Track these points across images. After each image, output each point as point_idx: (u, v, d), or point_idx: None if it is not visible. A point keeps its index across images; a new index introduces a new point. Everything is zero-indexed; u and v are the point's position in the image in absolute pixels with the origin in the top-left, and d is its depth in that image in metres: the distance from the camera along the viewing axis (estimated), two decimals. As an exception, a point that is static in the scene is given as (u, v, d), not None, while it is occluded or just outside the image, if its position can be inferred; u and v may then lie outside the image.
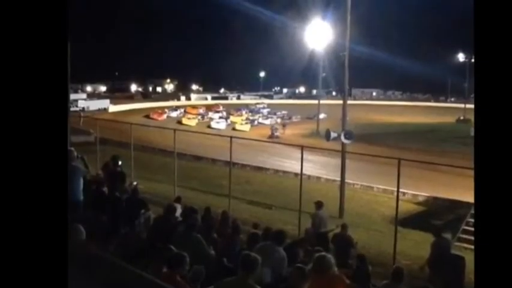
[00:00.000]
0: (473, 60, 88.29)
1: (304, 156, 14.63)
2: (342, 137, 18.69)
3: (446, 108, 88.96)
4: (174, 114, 70.68)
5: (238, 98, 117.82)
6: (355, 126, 31.45)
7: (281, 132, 53.92)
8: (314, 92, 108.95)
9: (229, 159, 16.15)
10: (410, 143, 42.82)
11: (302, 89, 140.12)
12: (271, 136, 50.12)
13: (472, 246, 15.48)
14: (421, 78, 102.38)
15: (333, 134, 19.29)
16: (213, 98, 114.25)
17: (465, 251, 14.48)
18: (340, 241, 10.65)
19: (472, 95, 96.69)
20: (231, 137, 17.77)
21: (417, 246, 15.24)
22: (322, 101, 60.26)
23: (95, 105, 72.40)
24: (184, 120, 63.80)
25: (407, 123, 68.13)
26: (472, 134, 20.21)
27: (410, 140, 45.57)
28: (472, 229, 16.24)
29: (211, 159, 30.42)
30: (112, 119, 37.23)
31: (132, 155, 17.26)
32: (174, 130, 16.95)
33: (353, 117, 47.32)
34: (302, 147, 17.03)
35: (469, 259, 8.88)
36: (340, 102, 20.48)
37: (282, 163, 30.85)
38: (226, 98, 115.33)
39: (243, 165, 27.49)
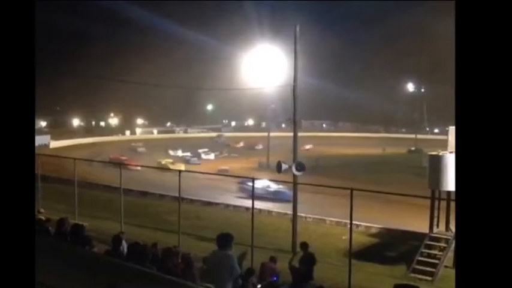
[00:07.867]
0: (422, 90, 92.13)
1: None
2: (293, 169, 18.53)
3: (397, 139, 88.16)
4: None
5: (186, 131, 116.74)
6: (306, 158, 31.55)
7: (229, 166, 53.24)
8: (263, 124, 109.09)
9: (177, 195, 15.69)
10: (363, 174, 42.96)
11: (251, 122, 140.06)
12: (220, 169, 49.45)
13: (427, 277, 15.63)
14: (370, 109, 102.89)
15: (284, 166, 19.09)
16: (159, 132, 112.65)
17: (420, 281, 14.58)
18: (298, 274, 10.49)
19: (423, 125, 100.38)
20: (179, 171, 17.36)
21: (371, 278, 15.18)
22: (272, 133, 60.39)
23: (35, 141, 69.60)
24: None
25: (359, 154, 68.41)
26: (424, 164, 20.70)
27: (362, 171, 45.73)
28: (427, 260, 16.47)
29: (158, 195, 29.56)
30: (54, 154, 35.79)
31: (76, 192, 16.56)
32: (120, 165, 16.30)
33: (303, 150, 47.64)
34: (253, 179, 17.01)
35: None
36: (290, 134, 20.34)
37: (233, 197, 30.50)
38: (173, 132, 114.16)
39: (192, 200, 26.80)
